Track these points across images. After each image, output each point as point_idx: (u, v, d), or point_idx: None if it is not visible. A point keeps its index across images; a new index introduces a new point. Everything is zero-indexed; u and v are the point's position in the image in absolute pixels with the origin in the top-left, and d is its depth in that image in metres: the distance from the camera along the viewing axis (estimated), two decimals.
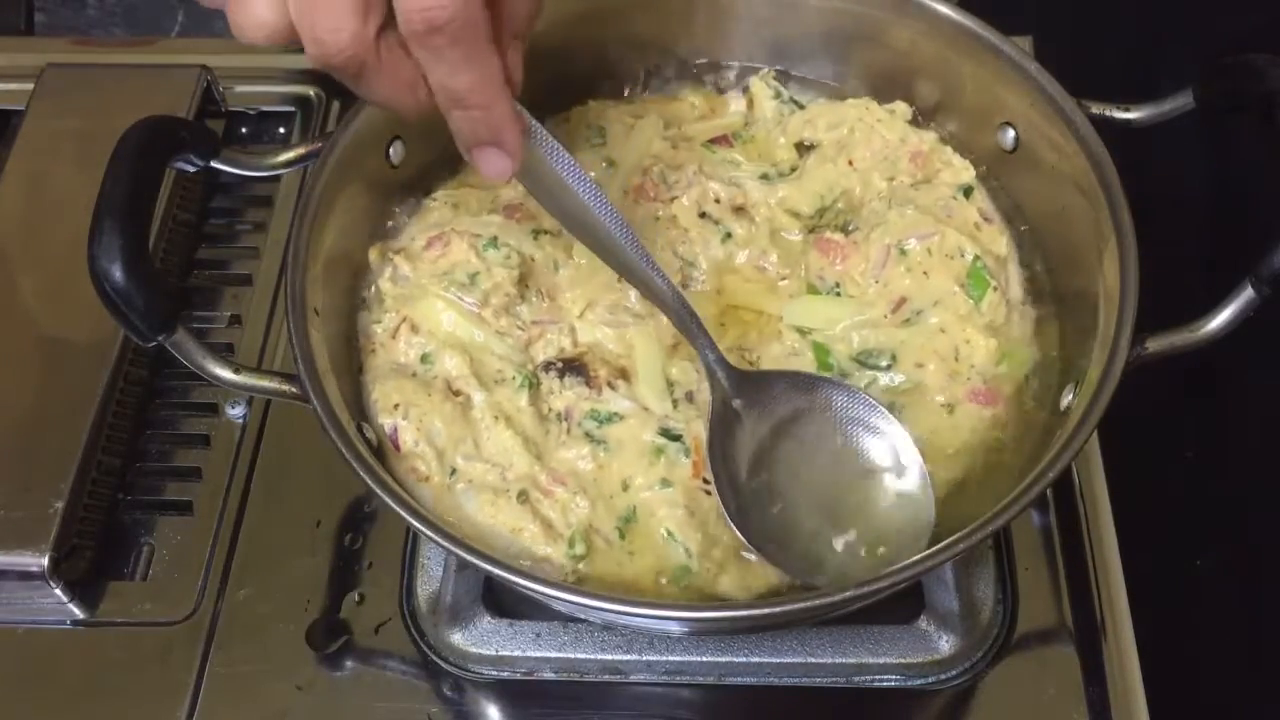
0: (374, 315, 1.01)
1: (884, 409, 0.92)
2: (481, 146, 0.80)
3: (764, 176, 1.08)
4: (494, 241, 1.00)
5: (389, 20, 0.72)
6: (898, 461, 0.91)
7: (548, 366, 0.97)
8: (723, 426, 0.92)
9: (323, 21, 0.71)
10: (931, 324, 0.99)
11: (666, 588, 0.90)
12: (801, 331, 1.00)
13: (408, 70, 0.75)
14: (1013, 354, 0.99)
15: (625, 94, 1.15)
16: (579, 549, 0.89)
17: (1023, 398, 0.98)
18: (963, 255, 1.00)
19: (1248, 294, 0.85)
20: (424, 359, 0.97)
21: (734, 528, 0.88)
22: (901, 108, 1.10)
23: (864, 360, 0.98)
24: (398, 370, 0.97)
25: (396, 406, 0.93)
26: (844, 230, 1.06)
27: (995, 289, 0.99)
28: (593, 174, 1.06)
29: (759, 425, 0.93)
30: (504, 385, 0.95)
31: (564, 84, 1.11)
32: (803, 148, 1.11)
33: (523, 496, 0.91)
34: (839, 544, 0.88)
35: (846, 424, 0.92)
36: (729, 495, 0.89)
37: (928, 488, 0.90)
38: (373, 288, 1.02)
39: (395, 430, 0.93)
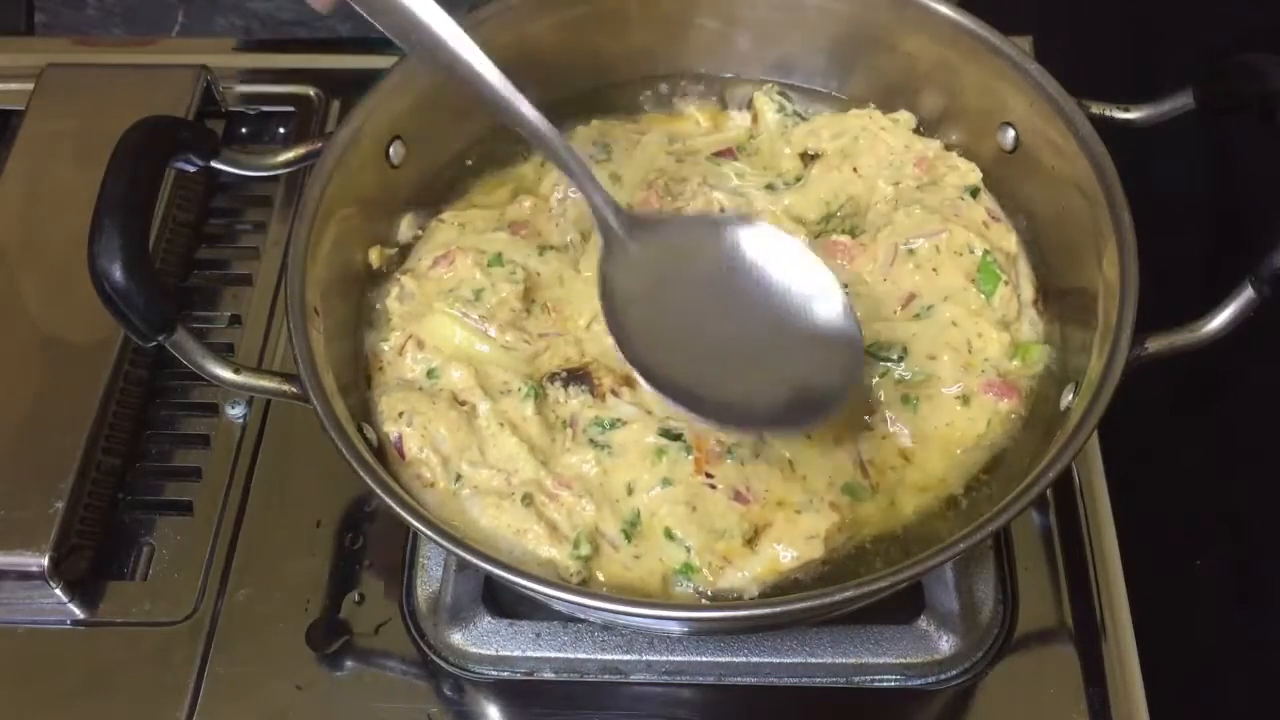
0: (381, 334, 1.01)
1: (793, 238, 0.91)
2: None
3: (769, 186, 1.08)
4: (499, 258, 1.01)
5: None
6: (816, 289, 0.90)
7: (553, 377, 0.97)
8: (614, 268, 0.90)
9: None
10: (943, 318, 0.99)
11: (673, 590, 0.90)
12: None
13: None
14: (1027, 350, 0.99)
15: (629, 111, 1.16)
16: (584, 550, 0.89)
17: (1039, 396, 0.97)
18: (972, 251, 1.01)
19: (1248, 294, 0.85)
20: (430, 373, 0.97)
21: (635, 371, 0.86)
22: (906, 117, 1.10)
23: (875, 352, 0.98)
24: (404, 385, 0.97)
25: (401, 415, 0.94)
26: (851, 234, 1.06)
27: (1006, 283, 0.99)
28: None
29: (653, 262, 0.91)
30: (510, 396, 0.96)
31: (567, 102, 1.12)
32: (807, 157, 1.11)
33: (527, 500, 0.91)
34: (760, 379, 0.87)
35: (756, 257, 0.91)
36: (628, 340, 0.87)
37: (850, 315, 0.88)
38: (379, 306, 1.03)
39: (400, 438, 0.93)
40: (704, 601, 0.89)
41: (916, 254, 1.01)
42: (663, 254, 0.91)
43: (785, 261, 0.91)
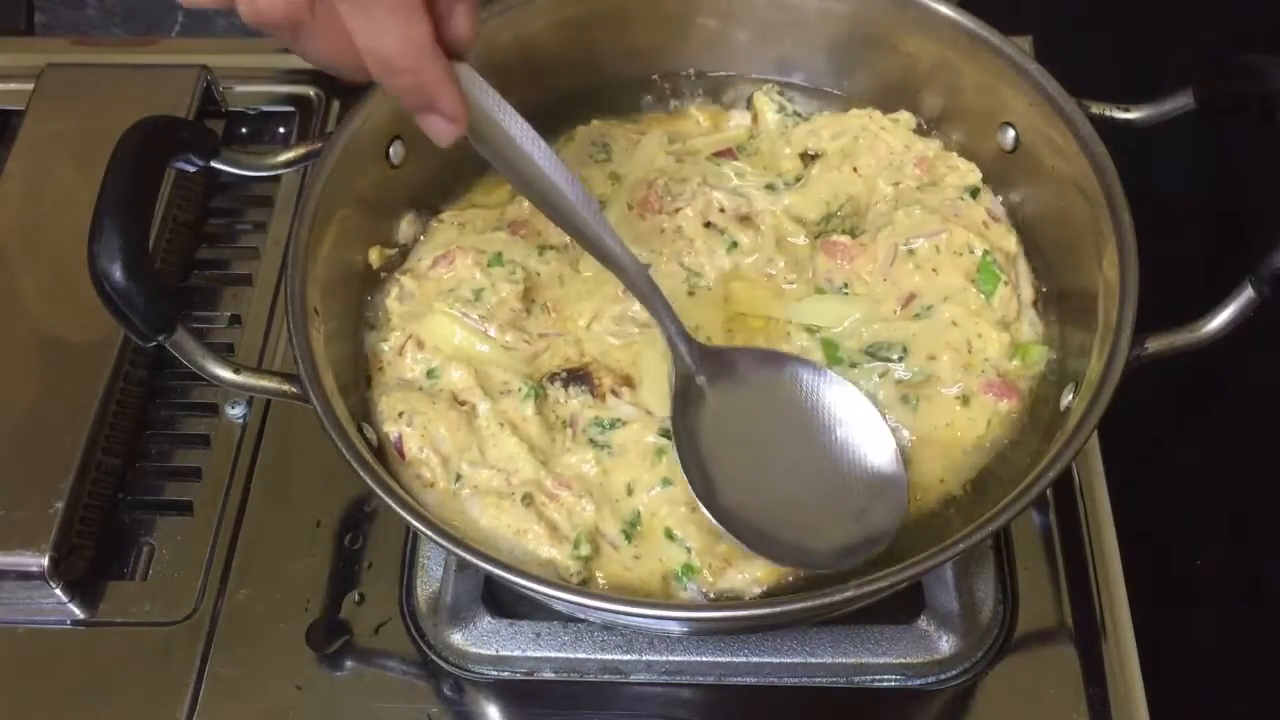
0: (381, 334, 1.01)
1: (849, 383, 0.93)
2: (422, 112, 0.78)
3: (769, 186, 1.08)
4: (499, 258, 1.01)
5: None
6: (868, 437, 0.91)
7: (553, 377, 0.97)
8: (686, 402, 0.92)
9: None
10: (943, 318, 0.99)
11: (674, 590, 0.90)
12: (810, 330, 1.00)
13: (345, 29, 0.72)
14: (1027, 350, 0.99)
15: (629, 111, 1.16)
16: (584, 550, 0.89)
17: (1039, 397, 0.98)
18: (972, 252, 1.01)
19: (1248, 294, 0.85)
20: (430, 373, 0.97)
21: (704, 508, 0.87)
22: (906, 117, 1.10)
23: (874, 352, 0.98)
24: (404, 385, 0.97)
25: (401, 415, 0.94)
26: (851, 234, 1.06)
27: (1006, 283, 1.00)
28: (597, 189, 1.07)
29: (724, 402, 0.92)
30: (509, 396, 0.96)
31: (567, 102, 1.12)
32: (807, 157, 1.11)
33: (527, 500, 0.91)
34: (813, 522, 0.88)
35: (814, 400, 0.92)
36: (696, 475, 0.89)
37: (899, 462, 0.90)
38: (379, 310, 1.03)
39: (400, 438, 0.93)
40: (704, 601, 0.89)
41: (916, 254, 1.01)
42: (730, 390, 0.93)
43: (844, 404, 0.93)
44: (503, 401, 0.95)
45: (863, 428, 0.92)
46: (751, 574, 0.89)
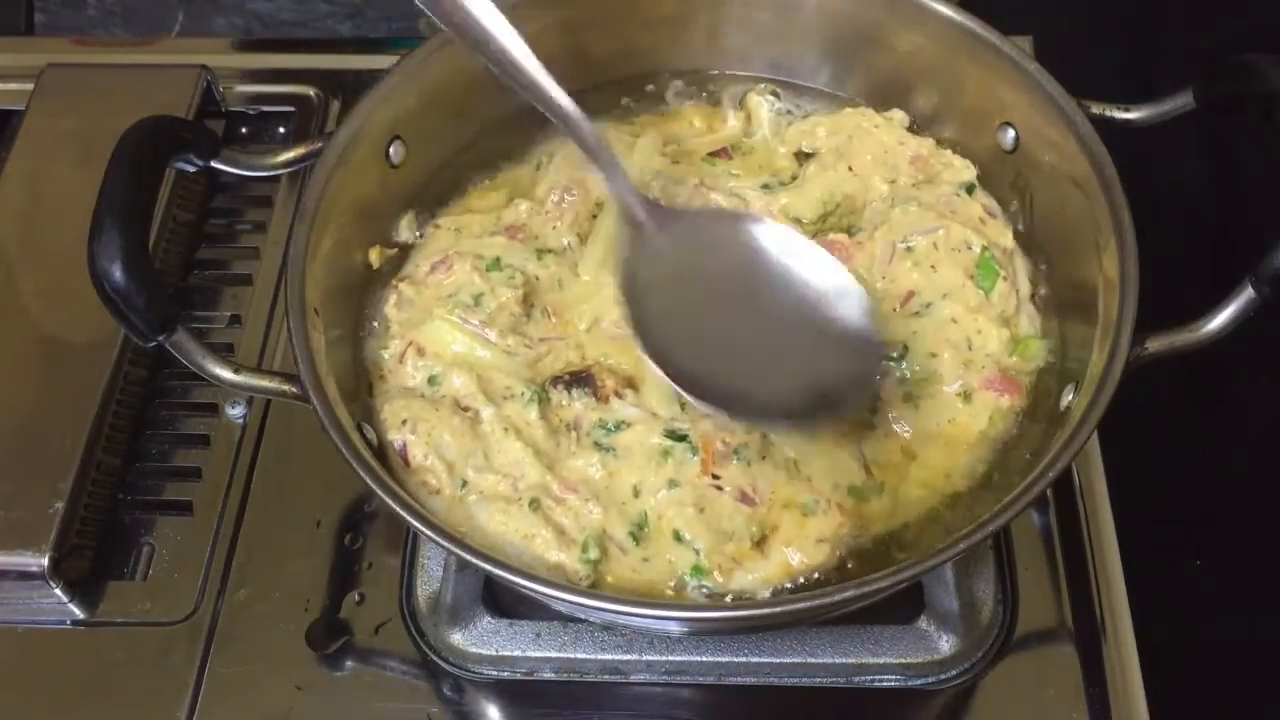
0: (381, 342, 1.01)
1: (810, 240, 0.92)
2: None
3: (765, 186, 1.08)
4: (497, 262, 1.01)
5: None
6: (836, 289, 0.91)
7: (555, 381, 0.97)
8: (634, 257, 0.91)
9: None
10: (943, 315, 0.99)
11: (682, 592, 0.90)
12: None
13: None
14: (1025, 345, 0.99)
15: (623, 112, 1.15)
16: (592, 553, 0.89)
17: (1039, 391, 0.98)
18: (970, 248, 1.01)
19: (1248, 294, 0.85)
20: (431, 380, 0.97)
21: (650, 363, 0.87)
22: (899, 115, 1.10)
23: None
24: (406, 392, 0.97)
25: (404, 422, 0.94)
26: (848, 233, 1.06)
27: (1005, 279, 1.00)
28: (594, 192, 1.06)
29: (679, 257, 0.92)
30: (513, 401, 0.96)
31: None
32: (802, 156, 1.11)
33: (534, 504, 0.91)
34: (777, 374, 0.88)
35: (778, 253, 0.92)
36: (646, 330, 0.88)
37: (871, 313, 0.89)
38: (378, 319, 1.02)
39: (404, 446, 0.93)
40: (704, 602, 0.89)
41: (914, 251, 1.01)
42: (685, 245, 0.91)
43: (806, 260, 0.92)
44: (506, 406, 0.95)
45: (829, 282, 0.90)
46: (761, 574, 0.89)
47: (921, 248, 1.01)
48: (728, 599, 0.89)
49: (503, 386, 0.96)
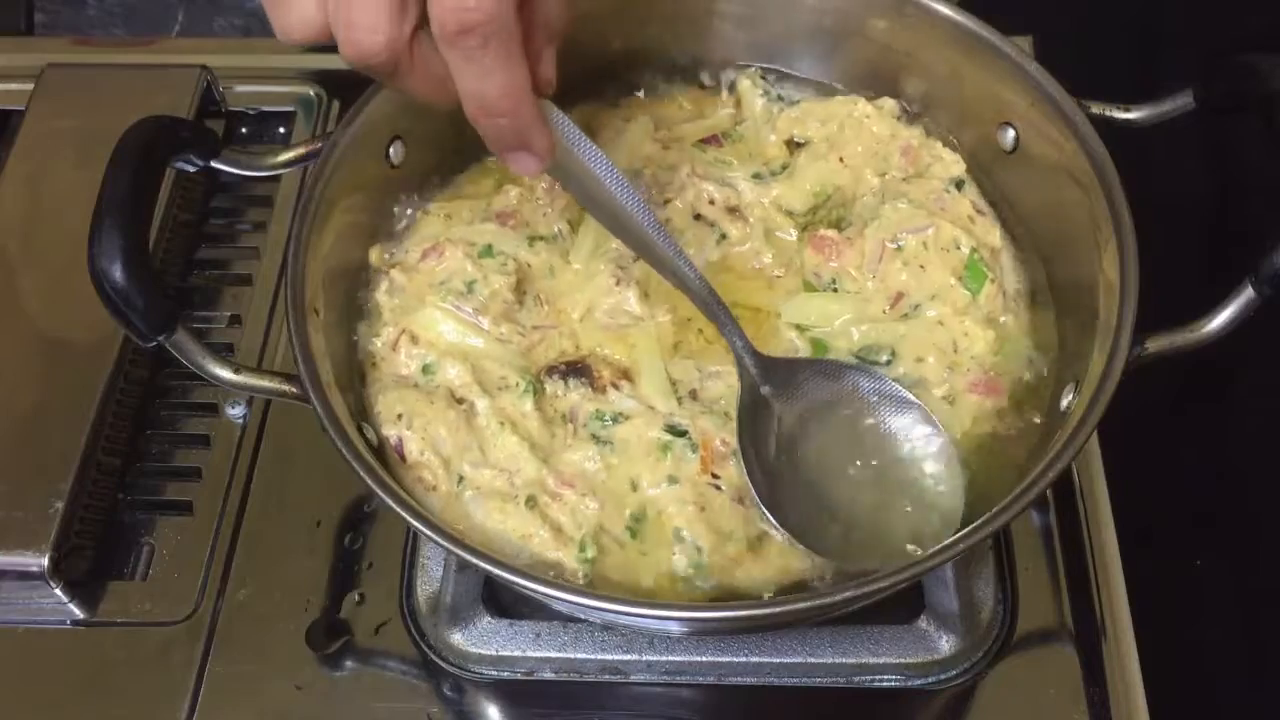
0: (373, 329, 1.01)
1: (908, 391, 0.93)
2: (512, 150, 0.80)
3: (756, 176, 1.08)
4: (489, 249, 1.01)
5: (423, 20, 0.72)
6: (925, 443, 0.92)
7: (550, 370, 0.97)
8: (752, 413, 0.92)
9: (359, 21, 0.71)
10: (930, 317, 0.99)
11: (681, 587, 0.90)
12: (800, 329, 1.00)
13: (442, 68, 0.74)
14: (1009, 343, 0.99)
15: (613, 96, 1.15)
16: (589, 552, 0.89)
17: (1021, 390, 0.98)
18: (959, 248, 1.01)
19: (1248, 294, 0.85)
20: (425, 370, 0.97)
21: (767, 514, 0.88)
22: (889, 104, 1.10)
23: (864, 356, 0.98)
24: (400, 382, 0.97)
25: (400, 417, 0.93)
26: (838, 226, 1.06)
27: (993, 280, 1.00)
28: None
29: (787, 411, 0.93)
30: (507, 391, 0.95)
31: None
32: (793, 145, 1.11)
33: (531, 502, 0.91)
34: (869, 526, 0.89)
35: (873, 408, 0.93)
36: (760, 481, 0.89)
37: (955, 466, 0.91)
38: (369, 302, 1.02)
39: (400, 441, 0.93)
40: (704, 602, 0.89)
41: (904, 250, 1.01)
42: (790, 398, 0.94)
43: (903, 412, 0.94)
44: (501, 398, 0.95)
45: (919, 437, 0.93)
46: (761, 574, 0.89)
47: (911, 247, 1.01)
48: (728, 599, 0.89)
49: (497, 376, 0.96)
